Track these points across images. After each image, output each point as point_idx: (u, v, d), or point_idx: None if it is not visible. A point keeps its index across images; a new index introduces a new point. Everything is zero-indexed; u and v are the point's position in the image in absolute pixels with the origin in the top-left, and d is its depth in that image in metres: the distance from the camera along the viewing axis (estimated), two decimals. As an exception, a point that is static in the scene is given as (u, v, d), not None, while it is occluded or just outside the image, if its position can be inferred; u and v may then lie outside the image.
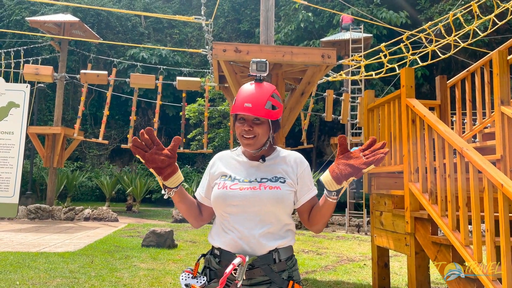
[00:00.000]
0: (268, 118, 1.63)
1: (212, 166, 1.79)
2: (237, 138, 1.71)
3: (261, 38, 6.21)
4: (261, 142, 1.67)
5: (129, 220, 11.99)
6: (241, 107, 1.63)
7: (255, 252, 1.61)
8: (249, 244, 1.61)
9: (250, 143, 1.65)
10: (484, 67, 5.28)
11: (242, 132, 1.65)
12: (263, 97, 1.64)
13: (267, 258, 1.61)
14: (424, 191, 3.74)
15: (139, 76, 6.25)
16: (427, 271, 3.92)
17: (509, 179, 2.78)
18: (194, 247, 7.31)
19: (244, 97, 1.65)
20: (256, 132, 1.63)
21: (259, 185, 1.64)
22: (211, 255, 1.72)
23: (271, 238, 1.62)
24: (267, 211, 1.62)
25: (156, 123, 12.45)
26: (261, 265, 1.60)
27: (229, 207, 1.64)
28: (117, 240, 7.62)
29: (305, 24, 16.00)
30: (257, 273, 1.60)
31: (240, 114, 1.65)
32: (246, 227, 1.62)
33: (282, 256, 1.64)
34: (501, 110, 4.01)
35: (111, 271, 5.19)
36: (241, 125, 1.65)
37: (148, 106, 21.32)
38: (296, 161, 1.73)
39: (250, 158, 1.73)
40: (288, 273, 1.65)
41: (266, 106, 1.63)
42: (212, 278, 1.67)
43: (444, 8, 15.01)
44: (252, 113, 1.61)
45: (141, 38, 21.81)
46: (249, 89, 1.68)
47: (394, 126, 4.32)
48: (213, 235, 1.74)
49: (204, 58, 22.01)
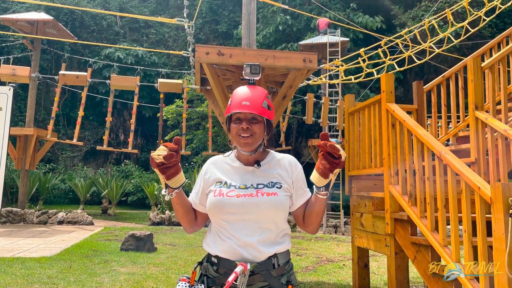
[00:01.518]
0: (265, 116, 1.65)
1: (206, 172, 1.77)
2: (232, 140, 1.70)
3: (243, 42, 6.24)
4: (258, 141, 1.66)
5: (105, 223, 11.77)
6: (239, 105, 1.64)
7: (255, 259, 1.61)
8: (248, 251, 1.61)
9: (248, 142, 1.63)
10: (458, 73, 5.49)
11: (239, 131, 1.64)
12: (260, 97, 1.67)
13: (267, 264, 1.62)
14: (404, 193, 3.86)
15: (120, 77, 6.16)
16: (407, 271, 4.04)
17: (485, 182, 2.91)
18: (174, 250, 7.26)
19: (241, 96, 1.67)
20: (254, 131, 1.63)
21: (256, 192, 1.64)
22: (208, 263, 1.70)
23: (269, 244, 1.63)
24: (265, 218, 1.62)
25: (133, 124, 12.25)
26: (261, 271, 1.61)
27: (226, 214, 1.64)
28: (95, 244, 7.47)
29: (283, 27, 16.14)
30: (256, 279, 1.61)
31: (237, 113, 1.65)
32: (245, 234, 1.62)
33: (281, 260, 1.65)
34: (476, 115, 4.17)
35: (91, 276, 5.09)
36: (237, 125, 1.65)
37: (123, 106, 20.98)
38: (291, 164, 1.74)
39: (245, 163, 1.72)
40: (286, 278, 1.67)
41: (263, 105, 1.65)
42: (210, 286, 1.66)
43: (417, 14, 15.44)
44: (250, 110, 1.62)
45: (117, 37, 21.45)
46: (245, 90, 1.71)
47: (375, 130, 4.43)
48: (209, 242, 1.72)
49: (181, 59, 21.84)
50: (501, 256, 2.61)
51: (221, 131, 14.93)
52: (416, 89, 5.31)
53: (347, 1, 16.71)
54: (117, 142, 20.68)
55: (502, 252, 2.60)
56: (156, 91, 20.38)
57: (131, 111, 22.16)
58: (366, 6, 16.72)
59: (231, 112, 1.67)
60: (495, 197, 2.67)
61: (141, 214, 14.14)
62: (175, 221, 11.79)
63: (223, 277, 1.64)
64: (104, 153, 20.59)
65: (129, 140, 12.08)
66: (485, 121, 4.00)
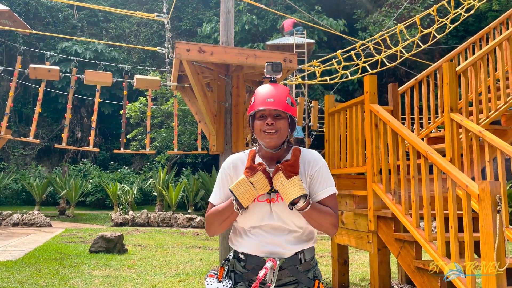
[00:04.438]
0: (289, 112, 1.66)
1: (233, 171, 1.74)
2: (256, 136, 1.69)
3: (221, 40, 6.18)
4: (282, 138, 1.66)
5: (64, 225, 11.23)
6: (263, 102, 1.65)
7: (282, 255, 1.64)
8: (275, 250, 1.64)
9: (273, 137, 1.63)
10: (429, 76, 5.75)
11: (264, 127, 1.64)
12: (283, 93, 1.68)
13: (294, 259, 1.65)
14: (388, 191, 3.99)
15: (95, 73, 5.90)
16: (388, 266, 4.18)
17: (472, 180, 3.07)
18: (145, 251, 7.07)
19: (264, 94, 1.68)
20: (278, 127, 1.64)
21: (276, 196, 1.65)
22: (235, 259, 1.72)
23: (296, 243, 1.66)
24: (288, 222, 1.65)
25: (94, 122, 11.79)
26: (288, 266, 1.64)
27: (251, 219, 1.67)
28: (60, 246, 7.12)
29: (249, 27, 16.16)
30: (284, 274, 1.64)
31: (261, 110, 1.65)
32: (271, 234, 1.65)
33: (307, 256, 1.68)
34: (451, 117, 4.39)
35: (63, 279, 4.85)
36: (262, 121, 1.65)
37: (81, 103, 20.14)
38: (310, 161, 1.72)
39: (269, 161, 1.71)
40: (313, 273, 1.70)
41: (287, 101, 1.67)
42: (237, 282, 1.68)
43: (378, 19, 16.00)
44: (274, 107, 1.63)
45: (74, 31, 20.55)
46: (268, 87, 1.71)
47: (357, 130, 4.55)
48: (235, 240, 1.73)
49: (143, 55, 21.28)
50: (489, 250, 2.77)
51: (186, 130, 14.71)
52: (392, 91, 5.50)
53: (311, 4, 17.01)
54: (74, 140, 19.82)
55: (490, 246, 2.76)
56: (115, 88, 19.73)
57: (89, 108, 21.33)
58: (330, 9, 17.11)
59: (255, 109, 1.67)
60: (483, 194, 2.83)
61: (102, 215, 13.63)
62: (140, 222, 11.48)
63: (250, 273, 1.66)
64: (60, 152, 19.67)
65: (90, 138, 11.54)
66: (460, 122, 4.21)
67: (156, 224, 11.53)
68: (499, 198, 2.78)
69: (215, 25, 17.90)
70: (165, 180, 13.75)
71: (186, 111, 14.55)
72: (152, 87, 5.98)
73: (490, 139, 3.73)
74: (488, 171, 3.90)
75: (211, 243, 8.25)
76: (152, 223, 11.54)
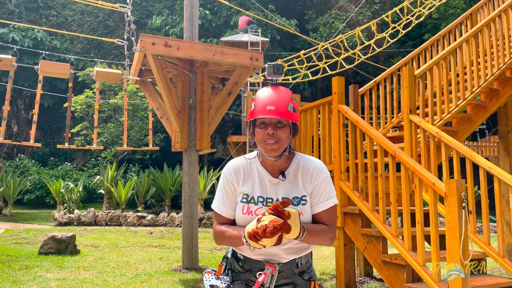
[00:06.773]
0: (290, 120, 1.61)
1: (234, 177, 1.71)
2: (257, 144, 1.66)
3: (185, 35, 6.06)
4: (284, 146, 1.63)
5: (3, 225, 10.44)
6: (264, 110, 1.60)
7: (281, 261, 1.67)
8: (275, 257, 1.66)
9: (275, 148, 1.60)
10: (387, 79, 6.05)
11: (265, 136, 1.60)
12: (285, 100, 1.62)
13: (291, 263, 1.69)
14: (355, 189, 4.15)
15: (51, 63, 5.50)
16: (353, 261, 4.36)
17: (438, 179, 3.29)
18: (98, 251, 6.77)
19: (265, 100, 1.62)
20: (279, 137, 1.60)
21: None
22: (233, 257, 1.73)
23: (294, 252, 1.68)
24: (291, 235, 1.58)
25: (35, 115, 11.02)
26: (285, 270, 1.68)
27: None
28: (4, 248, 6.62)
29: (203, 22, 15.95)
30: (280, 277, 1.67)
31: (262, 118, 1.61)
32: None
33: (304, 260, 1.72)
34: (410, 118, 4.65)
35: (15, 283, 4.52)
36: (263, 130, 1.61)
37: (18, 94, 18.76)
38: (313, 172, 1.70)
39: (271, 169, 1.69)
40: (308, 275, 1.73)
41: (289, 108, 1.61)
42: (234, 280, 1.70)
43: (328, 21, 16.49)
44: (275, 115, 1.58)
45: (10, 17, 19.07)
46: (268, 92, 1.65)
47: (324, 129, 4.68)
48: None
49: (87, 45, 20.25)
50: (454, 244, 2.98)
51: (135, 125, 14.23)
52: (353, 92, 5.71)
53: (264, 3, 17.15)
54: (10, 133, 18.45)
55: (455, 240, 2.97)
56: (56, 79, 18.60)
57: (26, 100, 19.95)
58: (282, 9, 17.35)
59: (255, 117, 1.63)
60: (449, 191, 3.04)
61: (43, 214, 12.82)
62: (86, 221, 10.95)
63: (248, 273, 1.69)
64: (-8, 146, 18.20)
65: (31, 132, 10.73)
66: (419, 123, 4.47)
67: (104, 223, 11.07)
68: (464, 196, 3.01)
69: (166, 18, 17.46)
70: (114, 177, 13.23)
71: (136, 105, 14.08)
72: (113, 81, 5.72)
73: (446, 139, 4.00)
74: (444, 170, 4.19)
75: (167, 242, 8.08)
76: (100, 222, 11.06)
